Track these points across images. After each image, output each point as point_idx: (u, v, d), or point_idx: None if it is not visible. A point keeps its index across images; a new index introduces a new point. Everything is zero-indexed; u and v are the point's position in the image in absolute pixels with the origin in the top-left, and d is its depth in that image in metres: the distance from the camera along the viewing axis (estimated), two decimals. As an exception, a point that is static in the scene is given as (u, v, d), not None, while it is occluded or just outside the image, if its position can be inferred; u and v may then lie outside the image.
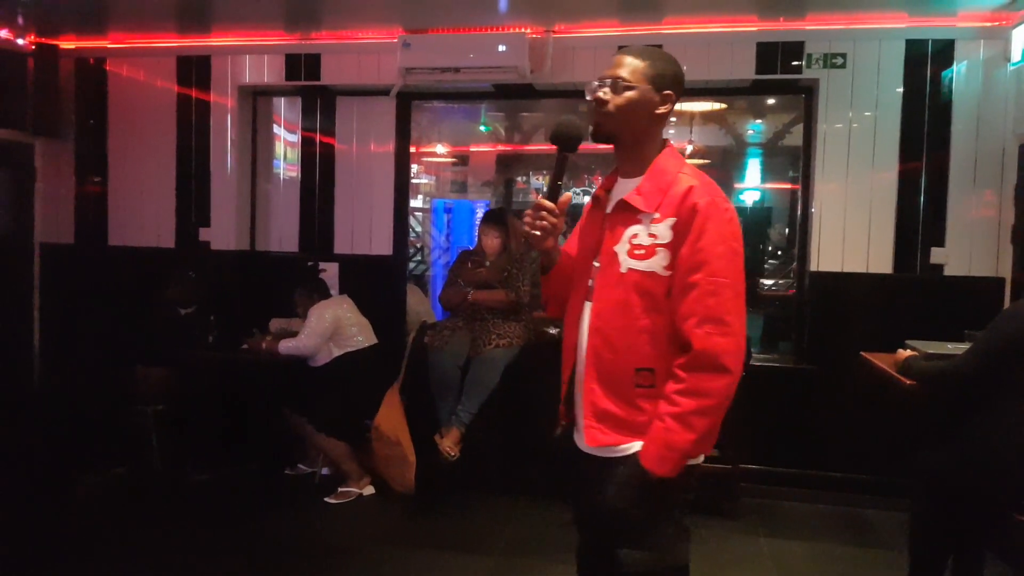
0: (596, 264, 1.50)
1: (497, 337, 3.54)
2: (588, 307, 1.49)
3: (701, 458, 1.48)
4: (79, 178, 4.37)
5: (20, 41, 4.15)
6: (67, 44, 4.26)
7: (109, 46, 4.26)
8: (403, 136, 4.13)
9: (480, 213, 4.83)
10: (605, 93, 1.46)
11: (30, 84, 4.14)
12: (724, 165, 6.09)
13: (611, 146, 1.52)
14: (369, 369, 3.60)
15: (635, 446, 1.41)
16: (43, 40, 4.19)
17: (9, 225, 4.32)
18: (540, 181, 6.11)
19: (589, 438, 1.46)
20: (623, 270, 1.43)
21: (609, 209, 1.51)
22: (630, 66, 1.47)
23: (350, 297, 3.75)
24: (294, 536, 3.13)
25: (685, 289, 1.38)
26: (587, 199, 1.83)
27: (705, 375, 1.36)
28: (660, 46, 1.55)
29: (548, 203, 1.46)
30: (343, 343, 3.56)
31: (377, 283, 4.07)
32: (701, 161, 5.82)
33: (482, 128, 6.16)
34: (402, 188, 4.16)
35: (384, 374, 3.65)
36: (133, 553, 2.92)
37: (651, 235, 1.42)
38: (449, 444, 3.36)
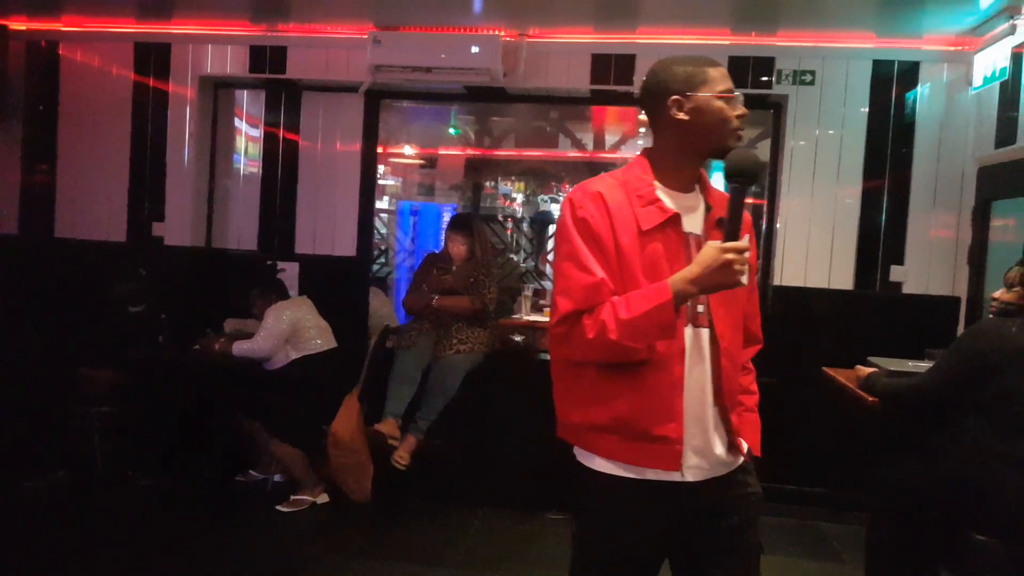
0: None
1: (458, 342, 3.49)
2: (700, 333, 1.43)
3: None
4: (25, 166, 4.17)
5: (-35, 20, 3.95)
6: (17, 25, 4.05)
7: (63, 29, 4.07)
8: (371, 135, 4.04)
9: (447, 217, 4.76)
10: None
11: (-25, 66, 3.95)
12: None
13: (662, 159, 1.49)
14: (327, 374, 3.50)
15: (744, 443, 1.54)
16: (-9, 20, 4.00)
17: (-53, 213, 4.11)
18: (509, 186, 6.05)
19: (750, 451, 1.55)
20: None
21: (694, 228, 1.45)
22: None
23: (310, 299, 3.64)
24: (244, 545, 3.03)
25: (752, 292, 1.57)
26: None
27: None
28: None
29: (743, 244, 1.34)
30: (301, 346, 3.46)
31: (339, 285, 3.96)
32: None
33: (452, 131, 6.08)
34: (368, 189, 4.07)
35: (343, 379, 3.55)
36: (72, 562, 2.78)
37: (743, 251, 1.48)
38: (402, 453, 3.31)
